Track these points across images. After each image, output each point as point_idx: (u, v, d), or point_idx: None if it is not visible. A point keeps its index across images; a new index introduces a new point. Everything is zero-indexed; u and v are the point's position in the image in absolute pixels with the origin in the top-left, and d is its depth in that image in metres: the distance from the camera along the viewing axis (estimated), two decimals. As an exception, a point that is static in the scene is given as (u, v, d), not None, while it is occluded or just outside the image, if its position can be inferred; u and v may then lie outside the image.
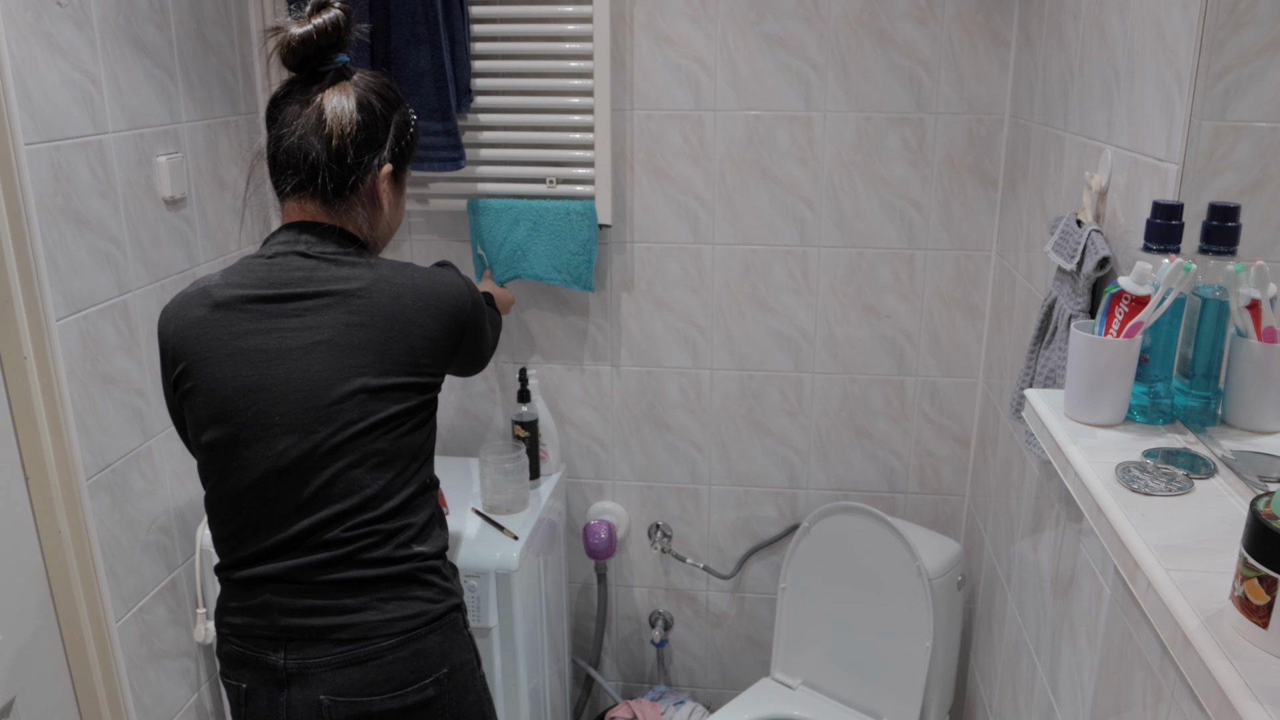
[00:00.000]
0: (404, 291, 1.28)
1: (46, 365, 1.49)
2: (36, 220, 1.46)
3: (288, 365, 1.23)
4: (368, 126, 1.28)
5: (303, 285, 1.25)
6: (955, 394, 2.18)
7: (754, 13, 1.99)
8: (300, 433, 1.22)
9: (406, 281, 1.30)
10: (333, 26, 1.24)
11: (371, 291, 1.26)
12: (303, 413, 1.22)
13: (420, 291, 1.30)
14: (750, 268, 2.14)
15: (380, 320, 1.26)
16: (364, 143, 1.28)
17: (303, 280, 1.26)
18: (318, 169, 1.27)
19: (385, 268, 1.30)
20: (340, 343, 1.24)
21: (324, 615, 1.23)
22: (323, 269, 1.26)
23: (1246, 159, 1.09)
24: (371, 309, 1.26)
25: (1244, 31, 1.07)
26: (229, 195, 2.00)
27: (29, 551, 1.53)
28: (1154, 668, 1.10)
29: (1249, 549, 0.72)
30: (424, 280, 1.31)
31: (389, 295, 1.27)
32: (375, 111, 1.30)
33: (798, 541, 2.13)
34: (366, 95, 1.30)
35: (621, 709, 2.31)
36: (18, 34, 1.42)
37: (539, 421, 2.10)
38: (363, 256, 1.30)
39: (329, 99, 1.28)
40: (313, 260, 1.27)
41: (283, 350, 1.23)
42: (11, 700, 1.48)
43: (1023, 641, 1.72)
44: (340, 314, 1.25)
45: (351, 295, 1.26)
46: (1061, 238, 1.43)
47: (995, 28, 1.95)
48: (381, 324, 1.26)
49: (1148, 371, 1.07)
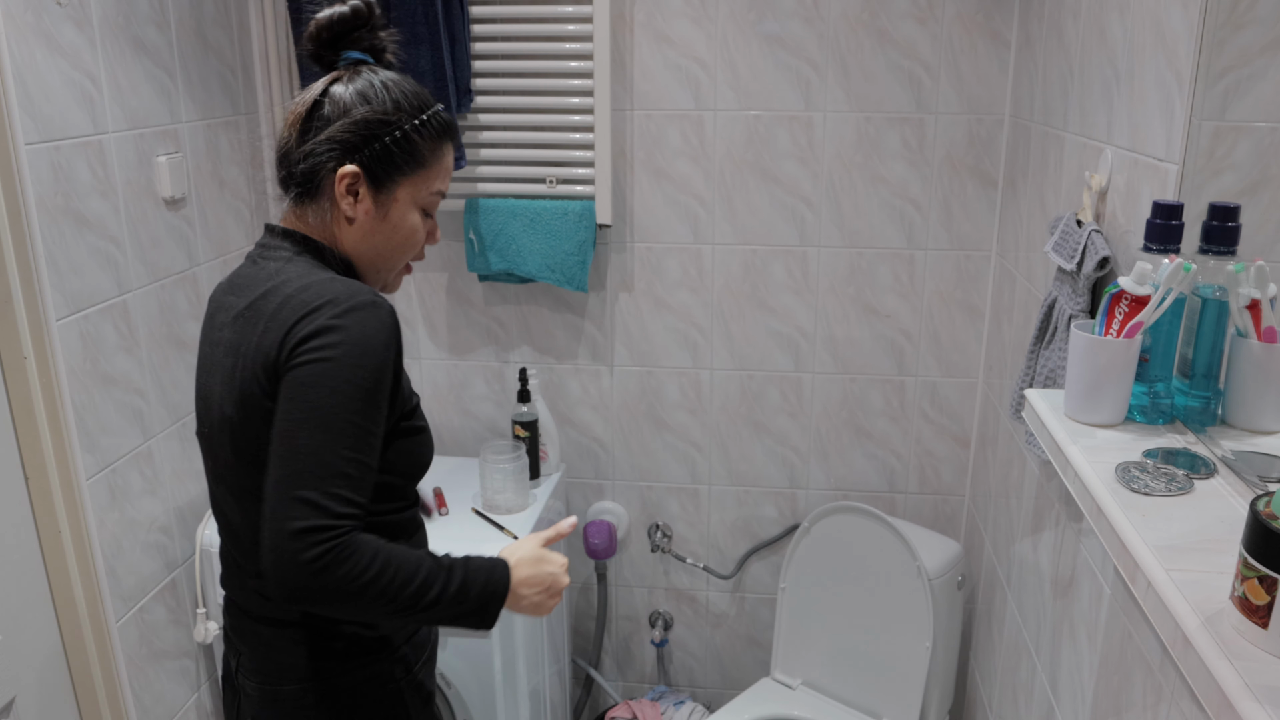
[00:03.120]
0: (274, 305, 1.07)
1: (46, 365, 1.49)
2: (36, 220, 1.46)
3: (208, 379, 1.15)
4: (328, 118, 1.12)
5: (239, 292, 1.14)
6: (955, 394, 2.18)
7: (754, 13, 1.99)
8: (209, 454, 1.18)
9: (288, 293, 1.07)
10: (339, 20, 1.16)
11: (255, 302, 1.09)
12: (211, 432, 1.15)
13: (286, 304, 1.06)
14: (750, 268, 2.14)
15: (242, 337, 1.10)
16: (313, 132, 1.13)
17: (242, 287, 1.14)
18: (282, 162, 1.18)
19: (294, 276, 1.09)
20: (225, 363, 1.11)
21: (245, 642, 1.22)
22: (260, 274, 1.13)
23: (1246, 159, 1.09)
24: (244, 322, 1.09)
25: (1244, 31, 1.07)
26: (229, 195, 2.00)
27: (29, 551, 1.53)
28: (1154, 668, 1.10)
29: (1249, 549, 0.72)
30: (302, 296, 1.06)
31: (258, 311, 1.08)
32: (344, 105, 1.13)
33: (798, 541, 2.13)
34: (355, 90, 1.14)
35: (621, 709, 2.31)
36: (18, 34, 1.42)
37: (539, 421, 2.10)
38: (296, 261, 1.13)
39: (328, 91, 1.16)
40: (257, 265, 1.15)
41: (211, 362, 1.15)
42: (11, 700, 1.48)
43: (1023, 641, 1.72)
44: (235, 328, 1.11)
45: (246, 306, 1.11)
46: (1061, 238, 1.43)
47: (995, 28, 1.95)
48: (243, 342, 1.09)
49: (1148, 371, 1.07)
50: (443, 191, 1.22)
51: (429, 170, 1.17)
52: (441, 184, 1.20)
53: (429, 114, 1.17)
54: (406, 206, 1.17)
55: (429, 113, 1.17)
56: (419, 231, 1.20)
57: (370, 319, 1.05)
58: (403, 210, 1.17)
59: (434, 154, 1.17)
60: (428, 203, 1.19)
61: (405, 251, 1.20)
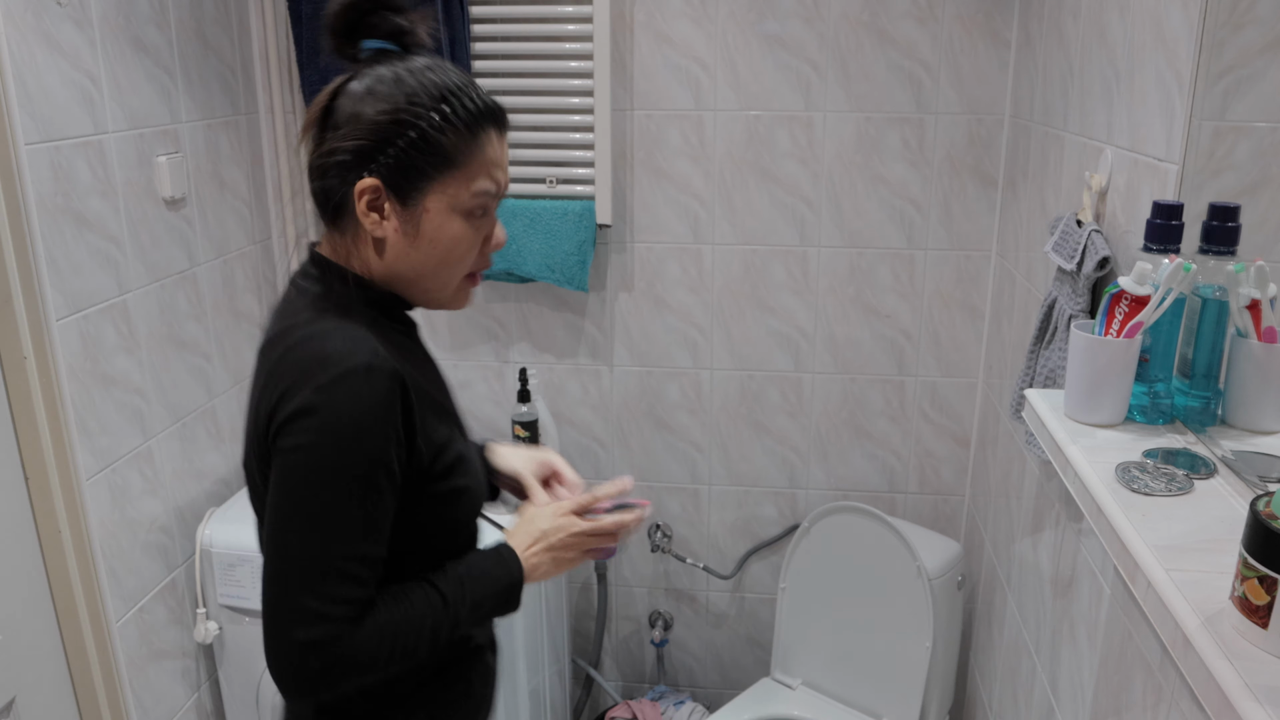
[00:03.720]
0: (276, 355, 0.96)
1: (46, 365, 1.49)
2: (36, 220, 1.46)
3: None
4: (337, 124, 0.98)
5: (271, 322, 1.03)
6: (955, 394, 2.18)
7: (754, 13, 1.99)
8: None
9: (289, 344, 0.96)
10: (351, 5, 1.00)
11: (271, 341, 0.99)
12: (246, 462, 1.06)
13: (283, 359, 0.95)
14: (750, 268, 2.14)
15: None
16: (325, 142, 0.99)
17: (274, 316, 1.04)
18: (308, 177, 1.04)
19: (304, 319, 0.97)
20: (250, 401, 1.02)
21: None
22: (286, 307, 1.03)
23: (1246, 159, 1.09)
24: (260, 361, 1.00)
25: (1244, 31, 1.07)
26: (229, 195, 2.00)
27: (29, 551, 1.53)
28: (1154, 668, 1.10)
29: (1249, 549, 0.72)
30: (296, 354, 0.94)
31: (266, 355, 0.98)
32: (352, 107, 0.97)
33: (798, 541, 2.13)
34: (364, 87, 0.98)
35: (621, 709, 2.31)
36: (18, 34, 1.42)
37: (539, 421, 2.10)
38: (317, 296, 1.01)
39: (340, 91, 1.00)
40: (289, 292, 1.04)
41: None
42: (11, 700, 1.48)
43: (1023, 641, 1.72)
44: (257, 363, 1.01)
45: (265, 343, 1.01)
46: (1061, 238, 1.43)
47: (995, 28, 1.95)
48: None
49: (1148, 371, 1.07)
50: (490, 190, 1.01)
51: (463, 169, 0.98)
52: (485, 181, 1.00)
53: (455, 102, 0.97)
54: (443, 215, 0.99)
55: (455, 101, 0.97)
56: (466, 240, 1.01)
57: (359, 390, 0.91)
58: (438, 220, 0.99)
59: (466, 148, 0.98)
60: (471, 205, 1.00)
61: (453, 266, 1.02)
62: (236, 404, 2.05)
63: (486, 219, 1.03)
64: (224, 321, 2.00)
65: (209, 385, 1.95)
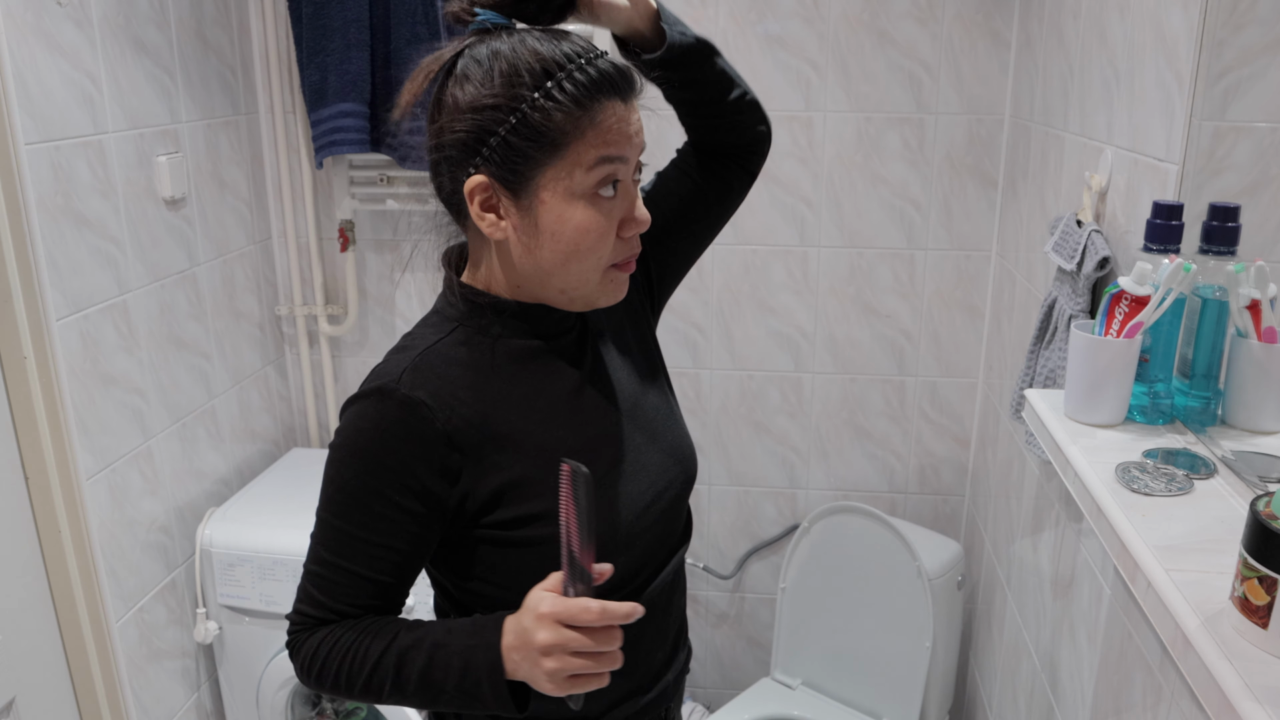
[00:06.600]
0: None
1: (46, 365, 1.49)
2: (36, 220, 1.46)
3: None
4: (437, 117, 0.90)
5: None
6: (955, 394, 2.18)
7: (754, 13, 1.99)
8: None
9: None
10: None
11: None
12: None
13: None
14: (750, 267, 2.14)
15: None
16: (435, 146, 0.91)
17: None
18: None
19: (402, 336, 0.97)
20: None
21: None
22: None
23: (1246, 159, 1.09)
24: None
25: (1244, 32, 1.07)
26: (229, 195, 2.00)
27: (29, 551, 1.53)
28: (1154, 668, 1.10)
29: (1249, 549, 0.72)
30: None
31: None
32: (453, 93, 0.88)
33: (798, 541, 2.13)
34: (461, 70, 0.88)
35: (621, 709, 2.31)
36: (18, 34, 1.42)
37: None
38: (432, 309, 0.98)
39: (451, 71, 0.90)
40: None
41: None
42: (11, 700, 1.48)
43: (1023, 641, 1.72)
44: None
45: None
46: (1061, 238, 1.43)
47: (995, 28, 1.95)
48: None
49: (1148, 372, 1.07)
50: (609, 169, 0.88)
51: (573, 149, 0.86)
52: (605, 151, 0.87)
53: (559, 77, 0.85)
54: (560, 203, 0.87)
55: (562, 74, 0.86)
56: (594, 227, 0.89)
57: (367, 413, 0.88)
58: (555, 210, 0.88)
59: (576, 126, 0.86)
60: (591, 187, 0.87)
61: (586, 259, 0.90)
62: (236, 404, 2.05)
63: (618, 200, 0.90)
64: (224, 321, 2.00)
65: (209, 385, 1.95)
